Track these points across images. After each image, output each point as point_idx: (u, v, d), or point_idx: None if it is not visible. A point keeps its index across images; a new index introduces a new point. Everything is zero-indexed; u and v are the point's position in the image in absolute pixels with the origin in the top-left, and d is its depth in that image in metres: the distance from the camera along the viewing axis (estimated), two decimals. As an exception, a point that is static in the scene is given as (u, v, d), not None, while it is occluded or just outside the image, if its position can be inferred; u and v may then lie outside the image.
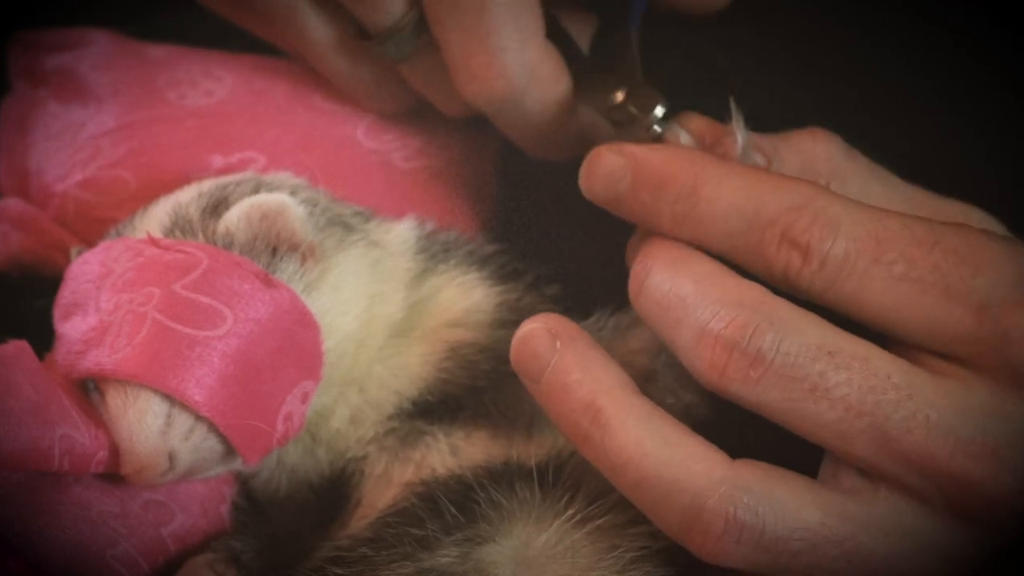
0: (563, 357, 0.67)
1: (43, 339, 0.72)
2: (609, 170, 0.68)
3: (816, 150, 0.72)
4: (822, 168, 0.71)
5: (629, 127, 0.74)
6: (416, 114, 0.85)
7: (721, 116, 0.73)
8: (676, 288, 0.65)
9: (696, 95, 0.75)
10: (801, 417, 0.63)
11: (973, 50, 0.82)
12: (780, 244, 0.64)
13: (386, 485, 0.73)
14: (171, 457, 0.68)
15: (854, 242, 0.63)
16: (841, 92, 0.83)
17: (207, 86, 0.83)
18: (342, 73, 0.82)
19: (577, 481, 0.70)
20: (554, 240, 0.80)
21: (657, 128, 0.74)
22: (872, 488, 0.64)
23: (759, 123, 0.72)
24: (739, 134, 0.70)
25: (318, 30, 0.81)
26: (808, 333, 0.63)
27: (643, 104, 0.74)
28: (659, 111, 0.74)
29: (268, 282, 0.71)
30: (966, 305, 0.62)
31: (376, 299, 0.75)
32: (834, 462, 0.65)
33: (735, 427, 0.67)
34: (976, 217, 0.72)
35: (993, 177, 0.80)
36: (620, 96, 0.75)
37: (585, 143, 0.76)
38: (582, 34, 0.80)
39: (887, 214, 0.64)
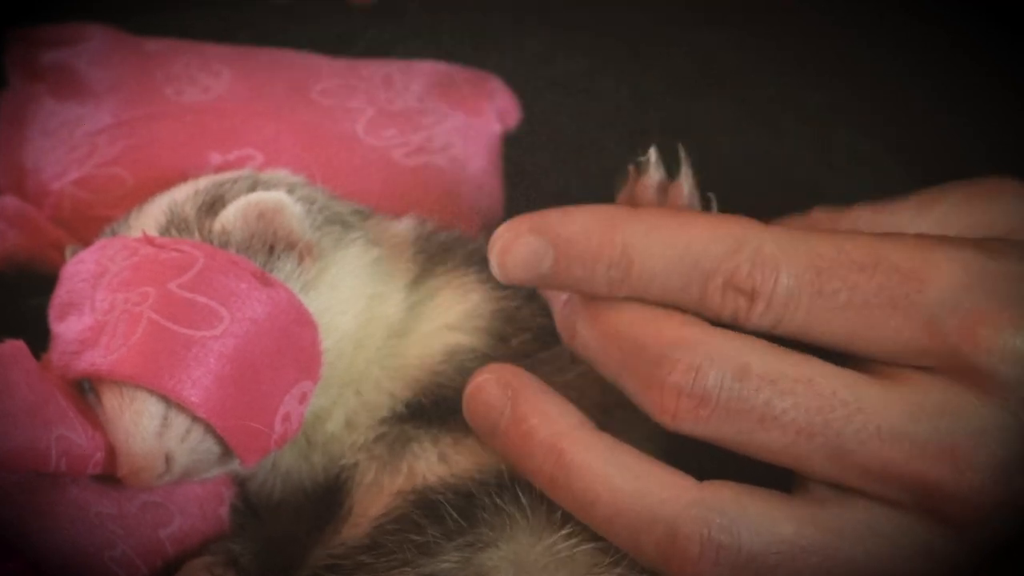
0: (517, 405, 0.67)
1: (40, 338, 0.71)
2: (527, 254, 0.66)
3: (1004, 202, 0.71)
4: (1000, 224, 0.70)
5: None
6: (417, 111, 0.84)
7: (723, 116, 0.72)
8: (611, 335, 0.66)
9: (698, 96, 0.74)
10: (757, 446, 0.63)
11: (972, 50, 0.82)
12: (724, 293, 0.64)
13: (377, 493, 0.73)
14: (168, 459, 0.68)
15: (795, 278, 0.63)
16: (844, 91, 0.82)
17: (205, 81, 0.83)
18: None
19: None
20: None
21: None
22: (843, 496, 0.64)
23: (762, 120, 0.71)
24: (685, 184, 0.68)
25: None
26: (750, 364, 0.63)
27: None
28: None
29: (265, 281, 0.70)
30: (915, 321, 0.62)
31: (375, 299, 0.74)
32: (804, 478, 0.65)
33: (703, 448, 0.66)
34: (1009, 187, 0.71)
35: (993, 175, 0.80)
36: None
37: None
38: None
39: (821, 240, 0.64)
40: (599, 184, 0.70)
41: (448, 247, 0.77)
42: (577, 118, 0.81)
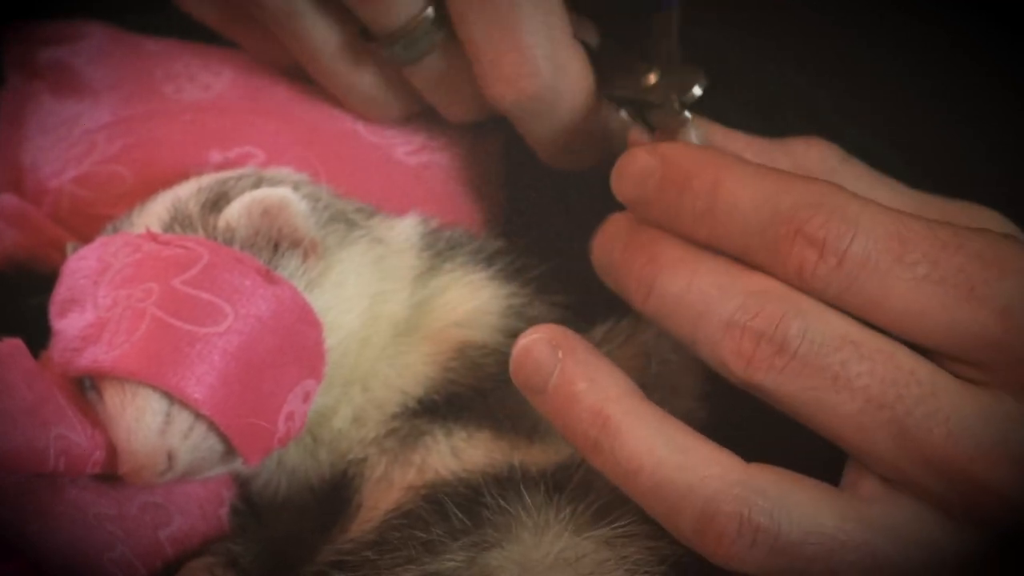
0: (566, 367, 0.66)
1: (38, 337, 0.71)
2: (640, 169, 0.67)
3: (811, 155, 0.72)
4: (816, 173, 0.70)
5: (660, 110, 0.73)
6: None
7: (726, 115, 0.72)
8: (695, 285, 0.65)
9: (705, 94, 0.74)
10: (822, 408, 0.62)
11: (975, 48, 0.82)
12: (794, 241, 0.63)
13: (387, 488, 0.72)
14: (170, 456, 0.67)
15: (875, 241, 0.62)
16: (849, 89, 0.82)
17: (205, 80, 0.82)
18: (341, 78, 0.80)
19: (585, 489, 0.69)
20: (561, 236, 0.79)
21: (687, 113, 0.73)
22: (892, 495, 0.63)
23: (765, 117, 0.71)
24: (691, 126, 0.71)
25: (319, 32, 0.79)
26: (833, 323, 0.62)
27: (681, 82, 0.73)
28: (697, 90, 0.73)
29: (270, 278, 0.69)
30: (990, 309, 0.61)
31: (380, 297, 0.74)
32: (855, 470, 0.64)
33: (750, 440, 0.66)
34: (985, 215, 0.71)
35: (993, 175, 0.80)
36: (653, 78, 0.74)
37: (604, 149, 0.75)
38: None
39: (909, 216, 0.63)
40: (601, 183, 0.70)
41: (454, 244, 0.77)
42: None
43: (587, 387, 0.66)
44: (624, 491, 0.65)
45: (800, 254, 0.63)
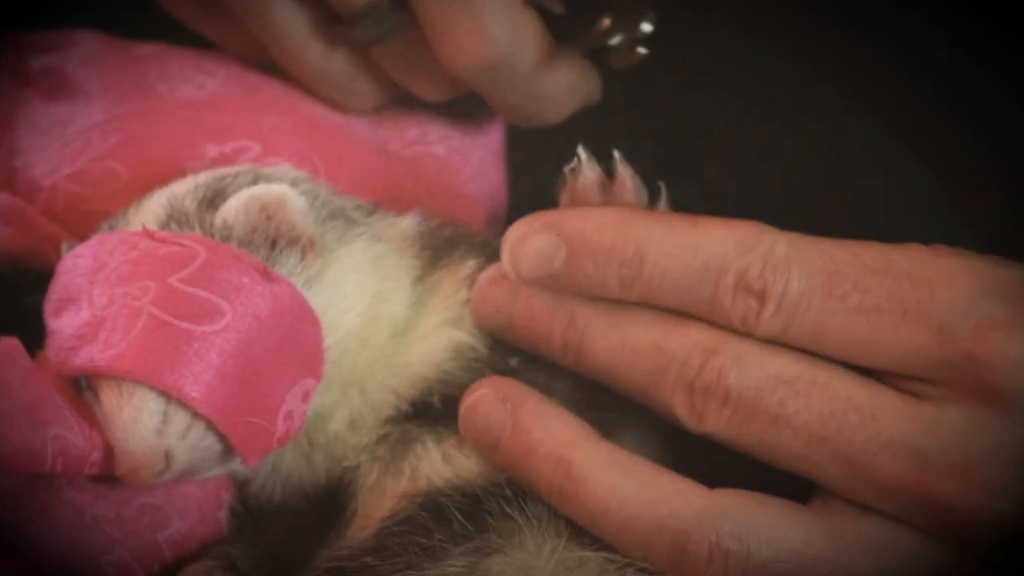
0: (519, 419, 0.67)
1: (34, 337, 0.70)
2: (539, 250, 0.67)
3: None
4: None
5: (618, 51, 0.74)
6: (407, 105, 0.83)
7: (734, 111, 0.72)
8: (628, 345, 0.66)
9: (708, 91, 0.74)
10: (771, 448, 0.64)
11: (979, 46, 0.81)
12: (735, 293, 0.64)
13: (380, 496, 0.72)
14: (168, 456, 0.67)
15: (806, 279, 0.63)
16: (857, 85, 0.81)
17: (199, 79, 0.82)
18: (312, 67, 0.81)
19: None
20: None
21: (642, 50, 0.73)
22: (858, 511, 0.63)
23: (774, 115, 0.71)
24: (627, 178, 0.69)
25: (287, 18, 0.80)
26: (767, 365, 0.64)
27: (631, 20, 0.74)
28: (647, 25, 0.73)
29: (268, 276, 0.69)
30: (926, 328, 0.62)
31: (380, 296, 0.73)
32: (823, 491, 0.65)
33: (705, 457, 0.67)
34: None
35: (994, 176, 0.79)
36: (607, 21, 0.75)
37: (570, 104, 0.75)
38: None
39: (834, 245, 0.64)
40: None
41: (453, 242, 0.76)
42: (585, 112, 0.80)
43: (542, 436, 0.66)
44: (594, 532, 0.66)
45: (743, 306, 0.64)
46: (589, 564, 0.66)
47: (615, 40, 0.74)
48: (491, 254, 0.75)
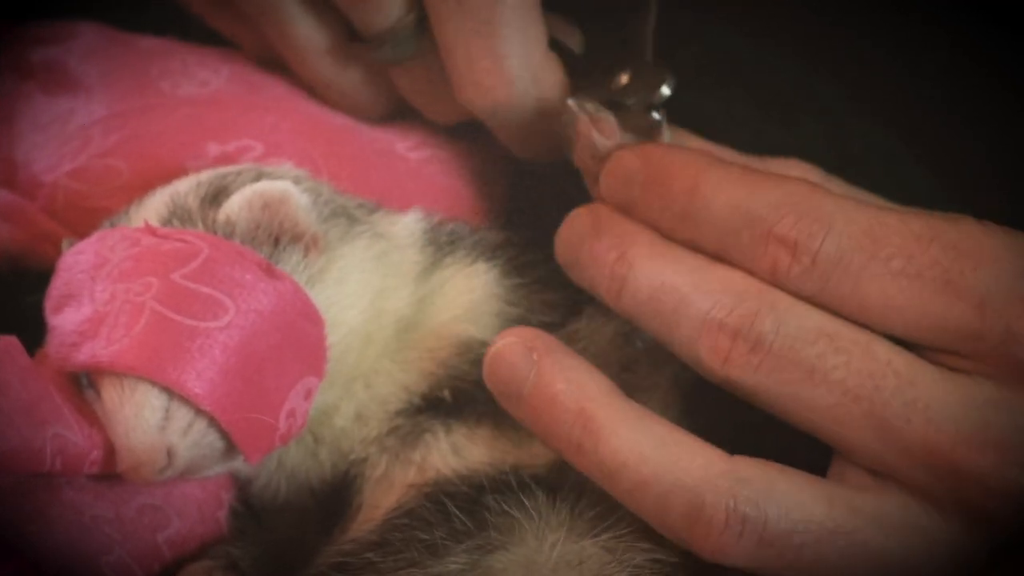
0: (543, 369, 0.66)
1: (33, 335, 0.69)
2: (625, 171, 0.68)
3: (790, 175, 0.71)
4: None
5: (631, 111, 0.73)
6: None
7: (736, 109, 0.72)
8: (668, 282, 0.65)
9: (710, 88, 0.74)
10: (799, 402, 0.63)
11: (972, 50, 0.82)
12: (767, 242, 0.63)
13: (388, 487, 0.71)
14: (169, 453, 0.66)
15: (848, 239, 0.62)
16: (859, 83, 0.82)
17: (202, 76, 0.82)
18: (325, 78, 0.81)
19: (585, 490, 0.68)
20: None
21: (656, 115, 0.73)
22: (880, 484, 0.63)
23: (776, 113, 0.71)
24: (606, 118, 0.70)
25: (307, 31, 0.79)
26: (807, 317, 0.63)
27: (649, 82, 0.73)
28: (665, 90, 0.73)
29: (271, 272, 0.68)
30: (967, 300, 0.61)
31: (383, 293, 0.73)
32: (841, 460, 0.64)
33: (735, 435, 0.66)
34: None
35: (994, 176, 0.80)
36: (625, 78, 0.74)
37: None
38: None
39: (883, 210, 0.63)
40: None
41: (456, 238, 0.76)
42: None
43: (566, 388, 0.65)
44: (609, 491, 0.65)
45: (773, 254, 0.63)
46: (592, 558, 0.66)
47: (631, 101, 0.74)
48: (493, 252, 0.75)
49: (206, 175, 0.73)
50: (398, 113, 0.83)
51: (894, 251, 0.62)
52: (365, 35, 0.77)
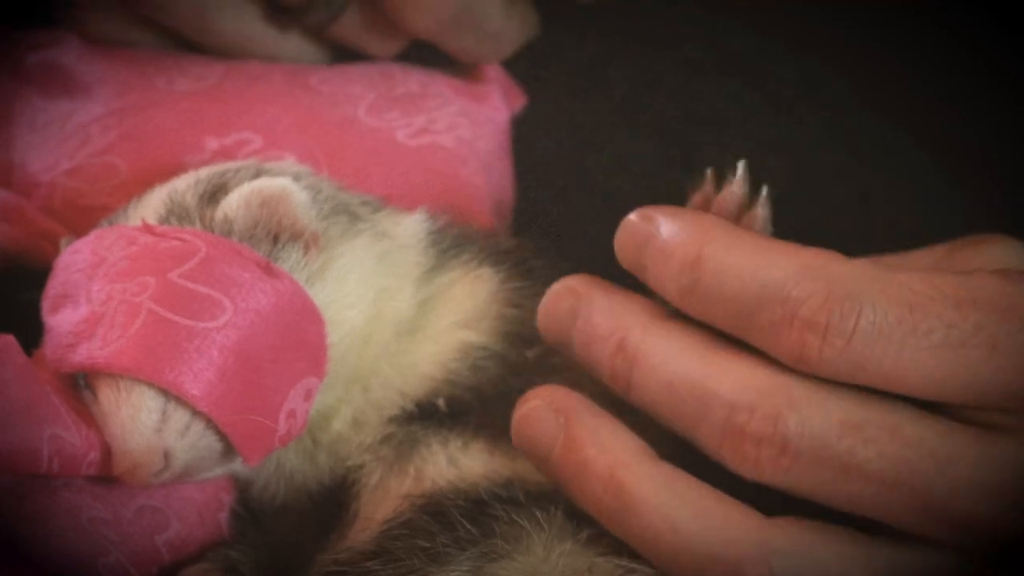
0: (571, 432, 0.64)
1: (30, 335, 0.69)
2: (631, 235, 0.64)
3: (993, 261, 0.67)
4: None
5: None
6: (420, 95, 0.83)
7: (744, 104, 0.71)
8: (679, 375, 0.62)
9: (718, 83, 0.73)
10: (839, 495, 0.60)
11: (981, 44, 0.81)
12: (791, 325, 0.59)
13: (383, 497, 0.70)
14: (167, 455, 0.65)
15: (883, 315, 0.58)
16: (868, 78, 0.81)
17: (197, 71, 0.82)
18: (267, 51, 0.82)
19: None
20: (572, 224, 0.77)
21: None
22: (915, 541, 0.61)
23: (784, 108, 0.70)
24: (761, 212, 0.65)
25: (233, 25, 0.80)
26: (832, 411, 0.59)
27: None
28: None
29: (270, 271, 0.68)
30: (1017, 361, 0.58)
31: (383, 293, 0.72)
32: None
33: None
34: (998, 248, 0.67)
35: (1004, 169, 0.79)
36: None
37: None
38: None
39: (910, 276, 0.60)
40: (613, 171, 0.68)
41: (461, 241, 0.75)
42: (591, 104, 0.79)
43: (596, 453, 0.63)
44: (647, 558, 0.63)
45: (799, 339, 0.59)
46: (599, 569, 0.65)
47: None
48: (499, 257, 0.74)
49: (205, 172, 0.72)
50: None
51: (935, 322, 0.58)
52: (291, 7, 0.78)
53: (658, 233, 0.63)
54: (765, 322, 0.60)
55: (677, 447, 0.63)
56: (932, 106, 0.79)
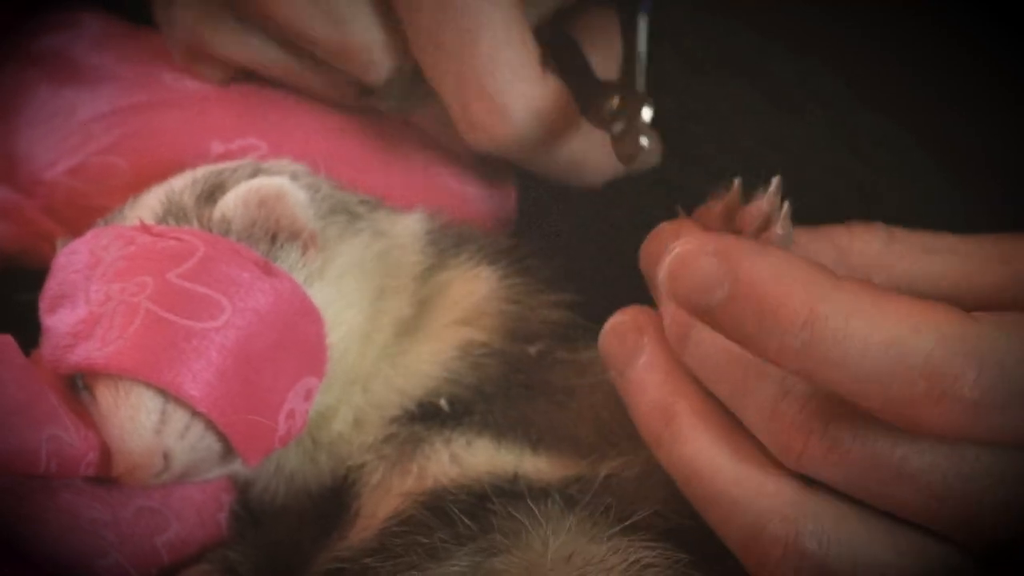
0: (650, 354, 0.64)
1: (29, 335, 0.69)
2: (703, 277, 0.57)
3: (853, 246, 0.66)
4: (857, 262, 0.66)
5: (624, 136, 0.70)
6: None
7: (743, 99, 0.70)
8: (736, 352, 0.60)
9: (717, 78, 0.73)
10: (886, 499, 0.58)
11: (981, 40, 0.81)
12: (940, 398, 0.55)
13: (385, 495, 0.70)
14: (166, 456, 0.65)
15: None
16: (868, 75, 0.80)
17: None
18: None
19: (598, 504, 0.67)
20: (569, 233, 0.77)
21: (644, 140, 0.69)
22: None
23: (783, 104, 0.70)
24: (781, 228, 0.63)
25: (321, 88, 0.79)
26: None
27: (632, 108, 0.70)
28: (647, 113, 0.69)
29: (268, 270, 0.67)
30: None
31: (383, 293, 0.72)
32: None
33: None
34: None
35: (1004, 165, 0.78)
36: (616, 102, 0.71)
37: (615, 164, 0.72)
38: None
39: (992, 320, 0.56)
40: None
41: (460, 241, 0.75)
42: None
43: (662, 379, 0.63)
44: (682, 489, 0.63)
45: (948, 414, 0.55)
46: (596, 562, 0.64)
47: (616, 128, 0.70)
48: (497, 255, 0.74)
49: (202, 172, 0.72)
50: None
51: None
52: (369, 89, 0.77)
53: (743, 282, 0.57)
54: (901, 392, 0.56)
55: None
56: (932, 105, 0.79)
